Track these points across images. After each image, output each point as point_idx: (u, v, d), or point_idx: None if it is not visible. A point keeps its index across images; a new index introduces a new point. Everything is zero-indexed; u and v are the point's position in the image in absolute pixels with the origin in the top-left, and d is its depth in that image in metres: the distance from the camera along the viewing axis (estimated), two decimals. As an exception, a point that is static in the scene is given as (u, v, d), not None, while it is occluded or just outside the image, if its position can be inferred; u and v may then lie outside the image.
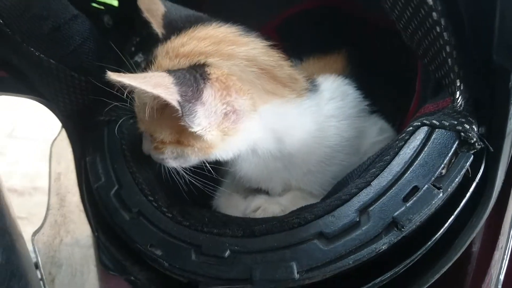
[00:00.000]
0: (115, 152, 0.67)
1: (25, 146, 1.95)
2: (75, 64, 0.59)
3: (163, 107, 0.52)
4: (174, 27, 0.58)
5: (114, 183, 0.63)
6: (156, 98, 0.48)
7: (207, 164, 0.59)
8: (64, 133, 0.70)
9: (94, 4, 0.78)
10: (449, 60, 0.40)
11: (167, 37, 0.58)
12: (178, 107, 0.47)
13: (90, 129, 0.69)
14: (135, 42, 0.82)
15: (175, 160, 0.58)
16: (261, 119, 0.56)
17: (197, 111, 0.49)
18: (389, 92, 0.79)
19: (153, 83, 0.46)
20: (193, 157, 0.57)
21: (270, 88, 0.56)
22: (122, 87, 0.47)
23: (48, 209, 0.66)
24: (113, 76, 0.44)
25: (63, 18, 0.53)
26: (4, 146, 1.85)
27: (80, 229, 0.72)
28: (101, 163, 0.66)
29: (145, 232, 0.58)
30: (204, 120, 0.50)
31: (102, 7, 0.80)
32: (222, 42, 0.55)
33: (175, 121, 0.50)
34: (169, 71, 0.48)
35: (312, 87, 0.62)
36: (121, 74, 0.45)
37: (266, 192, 0.68)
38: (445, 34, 0.36)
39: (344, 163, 0.64)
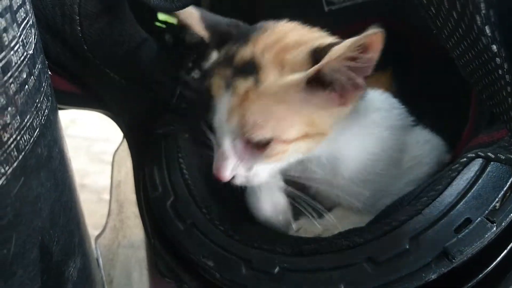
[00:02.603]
0: (171, 164, 0.71)
1: (78, 145, 2.05)
2: (143, 83, 0.64)
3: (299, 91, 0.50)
4: (217, 31, 0.58)
5: (170, 194, 0.67)
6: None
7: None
8: (125, 143, 0.75)
9: (157, 23, 0.83)
10: (509, 99, 0.40)
11: (216, 40, 0.58)
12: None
13: (150, 142, 0.74)
14: (193, 58, 0.86)
15: (267, 169, 0.56)
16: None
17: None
18: (439, 114, 0.79)
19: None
20: (305, 151, 0.55)
21: None
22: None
23: (109, 214, 0.71)
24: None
25: (136, 42, 0.58)
26: (58, 144, 1.96)
27: (135, 233, 0.76)
28: (158, 175, 0.70)
29: (198, 243, 0.61)
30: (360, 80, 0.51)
31: (164, 26, 0.85)
32: (310, 33, 0.56)
33: (311, 107, 0.51)
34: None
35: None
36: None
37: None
38: (507, 76, 0.36)
39: (383, 172, 0.63)
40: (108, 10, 0.53)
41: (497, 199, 0.48)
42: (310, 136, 0.53)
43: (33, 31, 0.35)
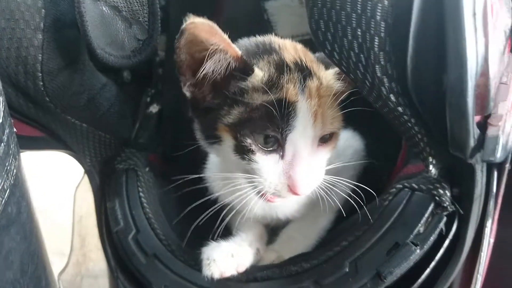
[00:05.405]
0: (132, 198, 0.75)
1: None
2: (102, 125, 0.68)
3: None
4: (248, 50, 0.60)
5: (132, 227, 0.71)
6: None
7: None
8: (86, 178, 0.78)
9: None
10: (421, 143, 0.48)
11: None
12: None
13: (110, 177, 0.77)
14: (150, 93, 0.91)
15: None
16: None
17: None
18: (380, 144, 0.86)
19: None
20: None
21: None
22: None
23: (71, 249, 0.73)
24: None
25: (96, 89, 0.62)
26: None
27: (98, 266, 0.79)
28: (120, 209, 0.74)
29: (159, 274, 0.65)
30: None
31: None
32: None
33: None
34: None
35: None
36: None
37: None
38: (415, 127, 0.44)
39: None
40: (69, 65, 0.56)
41: (420, 224, 0.55)
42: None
43: (1, 99, 0.39)
